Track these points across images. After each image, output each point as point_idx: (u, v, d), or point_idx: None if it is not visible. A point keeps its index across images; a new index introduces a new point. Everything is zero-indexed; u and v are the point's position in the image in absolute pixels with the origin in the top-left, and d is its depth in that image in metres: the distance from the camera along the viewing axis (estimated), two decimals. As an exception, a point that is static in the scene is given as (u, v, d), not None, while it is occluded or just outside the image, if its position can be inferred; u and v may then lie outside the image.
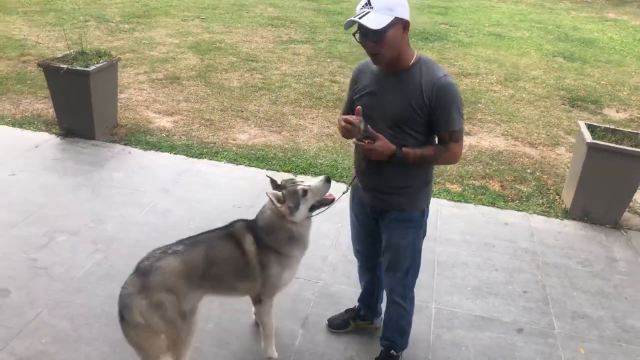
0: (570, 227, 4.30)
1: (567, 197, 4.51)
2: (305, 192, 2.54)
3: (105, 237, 3.72)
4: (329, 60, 7.89)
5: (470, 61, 8.32)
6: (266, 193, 2.55)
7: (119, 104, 5.57)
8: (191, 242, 2.61)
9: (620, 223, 4.33)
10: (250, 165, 4.84)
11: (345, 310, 3.17)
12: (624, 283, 3.70)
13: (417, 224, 2.56)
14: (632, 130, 4.45)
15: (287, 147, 5.23)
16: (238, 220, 2.75)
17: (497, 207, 4.50)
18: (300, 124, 5.76)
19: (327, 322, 3.13)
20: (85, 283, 3.29)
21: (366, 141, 2.28)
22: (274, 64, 7.53)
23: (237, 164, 4.85)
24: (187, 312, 2.50)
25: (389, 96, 2.32)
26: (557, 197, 4.71)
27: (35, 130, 5.16)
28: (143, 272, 2.44)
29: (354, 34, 2.22)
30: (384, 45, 2.18)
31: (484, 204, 4.52)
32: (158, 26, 8.91)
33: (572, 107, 6.95)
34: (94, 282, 3.30)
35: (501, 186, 4.82)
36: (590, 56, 9.16)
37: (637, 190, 4.83)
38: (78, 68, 4.75)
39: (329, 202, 2.62)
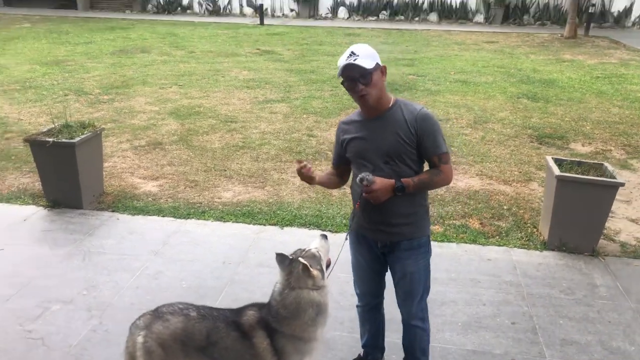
0: (550, 258, 4.47)
1: (544, 229, 4.70)
2: (319, 254, 2.57)
3: (99, 303, 3.76)
4: (305, 116, 8.17)
5: (440, 107, 8.69)
6: (299, 260, 2.47)
7: (104, 172, 5.69)
8: (205, 313, 2.61)
9: (597, 250, 4.52)
10: (237, 222, 4.96)
11: None
12: (606, 307, 3.84)
13: (426, 249, 2.79)
14: (597, 162, 4.71)
15: (271, 201, 5.38)
16: (250, 308, 2.65)
17: (479, 243, 4.67)
18: (282, 178, 5.94)
19: None
20: (82, 350, 3.32)
21: (364, 187, 2.52)
22: (252, 124, 7.77)
23: (224, 222, 4.96)
24: None
25: (378, 135, 2.61)
26: (534, 230, 4.90)
27: (22, 204, 5.23)
28: (156, 315, 2.57)
29: (342, 83, 2.58)
30: (372, 86, 2.51)
31: (466, 242, 4.68)
32: (137, 95, 9.16)
33: (540, 144, 7.28)
34: (91, 348, 3.33)
35: (481, 224, 5.01)
36: (552, 95, 9.64)
37: (610, 218, 5.07)
38: (64, 140, 4.89)
39: (329, 263, 2.64)
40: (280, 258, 2.53)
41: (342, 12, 20.94)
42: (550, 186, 4.57)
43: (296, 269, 2.48)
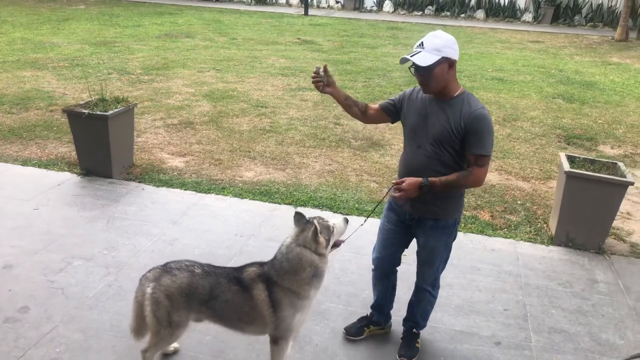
0: (555, 253, 4.51)
1: (553, 225, 4.74)
2: (333, 228, 2.77)
3: (117, 263, 4.06)
4: (334, 105, 8.31)
5: (471, 104, 8.67)
6: (313, 221, 2.67)
7: (135, 147, 6.03)
8: (209, 270, 2.85)
9: (603, 248, 4.53)
10: (253, 199, 5.19)
11: (359, 319, 3.49)
12: (602, 302, 3.88)
13: (449, 230, 3.00)
14: (611, 161, 4.69)
15: (289, 182, 5.59)
16: (251, 265, 2.87)
17: (486, 234, 4.75)
18: (303, 162, 6.14)
19: (344, 330, 3.43)
20: (96, 301, 3.62)
21: (395, 185, 2.80)
22: (282, 109, 8.00)
23: (241, 198, 5.21)
24: (175, 322, 2.81)
25: (434, 119, 2.80)
26: (544, 225, 4.93)
27: (58, 171, 5.62)
28: (165, 269, 2.83)
29: (409, 68, 2.78)
30: (431, 79, 2.71)
31: (472, 232, 4.77)
32: (175, 77, 9.53)
33: (568, 144, 7.22)
34: (104, 301, 3.63)
35: (491, 216, 5.08)
36: (589, 97, 9.47)
37: (622, 218, 5.06)
38: (98, 113, 5.23)
39: (339, 244, 2.87)
40: (299, 216, 2.77)
41: (388, 5, 20.88)
42: (560, 182, 4.60)
43: (308, 229, 2.70)
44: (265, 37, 14.05)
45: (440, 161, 2.81)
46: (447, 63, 2.69)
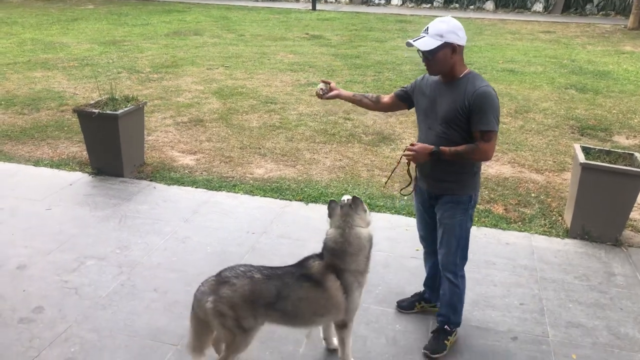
0: (571, 245, 4.44)
1: (568, 218, 4.67)
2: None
3: (129, 261, 4.06)
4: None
5: (482, 96, 8.58)
6: (355, 197, 2.84)
7: (146, 145, 6.03)
8: (269, 273, 2.81)
9: (620, 240, 4.46)
10: (264, 196, 5.17)
11: (413, 294, 3.64)
12: (621, 295, 3.82)
13: (464, 207, 3.04)
14: (627, 152, 4.61)
15: (300, 179, 5.56)
16: (311, 259, 2.89)
17: (500, 228, 4.69)
18: (314, 158, 6.11)
19: (396, 303, 3.60)
20: (110, 301, 3.62)
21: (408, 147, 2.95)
22: (291, 105, 7.96)
23: (252, 195, 5.19)
24: (247, 328, 2.75)
25: (441, 100, 2.93)
26: (559, 218, 4.86)
27: (70, 171, 5.64)
28: (221, 280, 2.75)
29: (418, 50, 2.86)
30: (434, 62, 2.83)
31: (486, 226, 4.71)
32: (185, 75, 9.53)
33: (582, 135, 7.12)
34: (117, 300, 3.63)
35: (505, 209, 5.01)
36: (602, 87, 9.33)
37: (639, 209, 4.97)
38: (108, 112, 5.23)
39: None
40: (333, 204, 2.89)
41: (396, -2, 20.76)
42: (575, 174, 4.53)
43: (353, 208, 2.83)
44: (274, 33, 14.01)
45: (450, 140, 2.89)
46: (450, 48, 2.77)
